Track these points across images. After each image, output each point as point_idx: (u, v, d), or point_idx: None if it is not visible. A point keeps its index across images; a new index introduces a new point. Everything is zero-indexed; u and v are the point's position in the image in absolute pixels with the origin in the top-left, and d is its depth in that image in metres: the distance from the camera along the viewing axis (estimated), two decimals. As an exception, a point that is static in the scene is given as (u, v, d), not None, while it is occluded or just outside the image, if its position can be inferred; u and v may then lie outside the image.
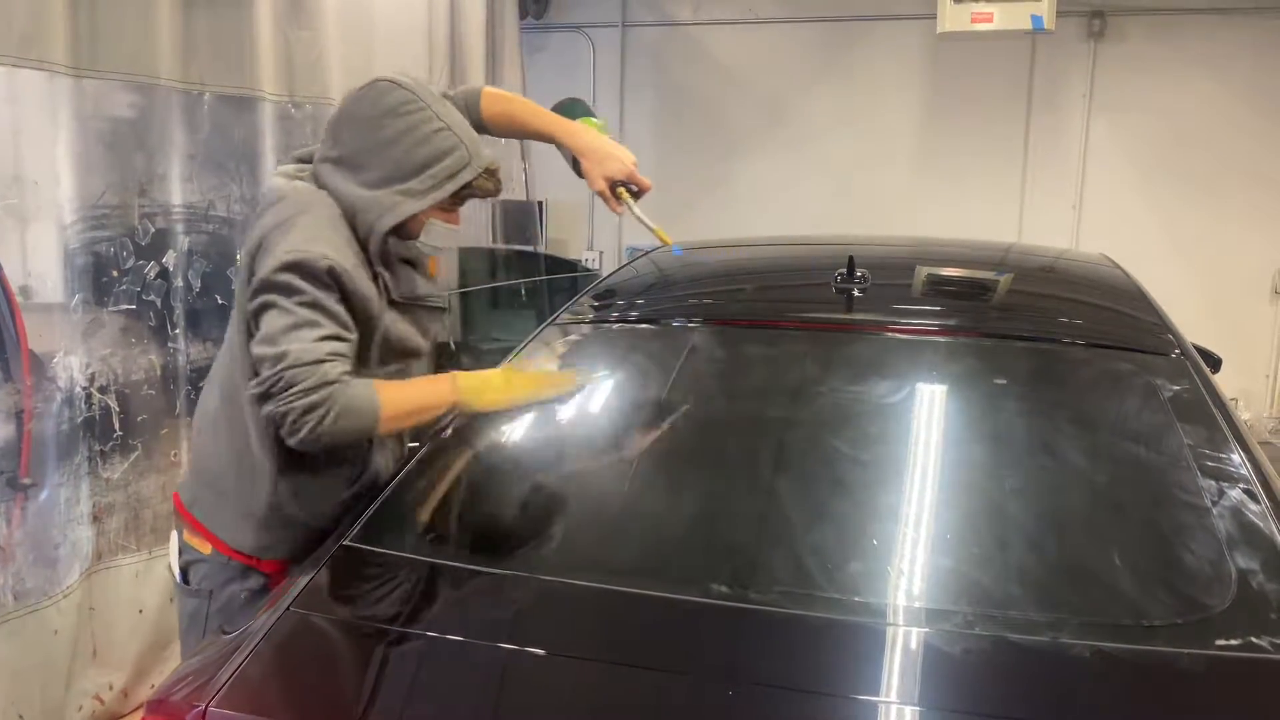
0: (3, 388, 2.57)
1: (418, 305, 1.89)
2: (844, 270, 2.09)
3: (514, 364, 1.94)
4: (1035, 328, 2.06)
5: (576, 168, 2.09)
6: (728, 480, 1.77)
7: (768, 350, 2.06)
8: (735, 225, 5.63)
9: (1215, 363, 3.00)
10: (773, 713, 1.25)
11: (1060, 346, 1.95)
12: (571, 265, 5.39)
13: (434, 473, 1.81)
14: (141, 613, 3.03)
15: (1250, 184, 5.37)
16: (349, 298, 1.71)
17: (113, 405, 2.89)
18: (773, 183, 6.03)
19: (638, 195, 2.08)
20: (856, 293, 2.09)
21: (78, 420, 2.77)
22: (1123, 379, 1.89)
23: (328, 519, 1.81)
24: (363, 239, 1.76)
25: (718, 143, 6.15)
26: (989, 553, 1.54)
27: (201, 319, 3.13)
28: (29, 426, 2.63)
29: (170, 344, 3.05)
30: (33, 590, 2.67)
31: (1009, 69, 5.64)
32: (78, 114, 2.71)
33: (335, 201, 1.76)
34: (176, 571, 1.91)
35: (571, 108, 2.15)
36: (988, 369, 1.93)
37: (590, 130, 2.06)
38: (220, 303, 3.16)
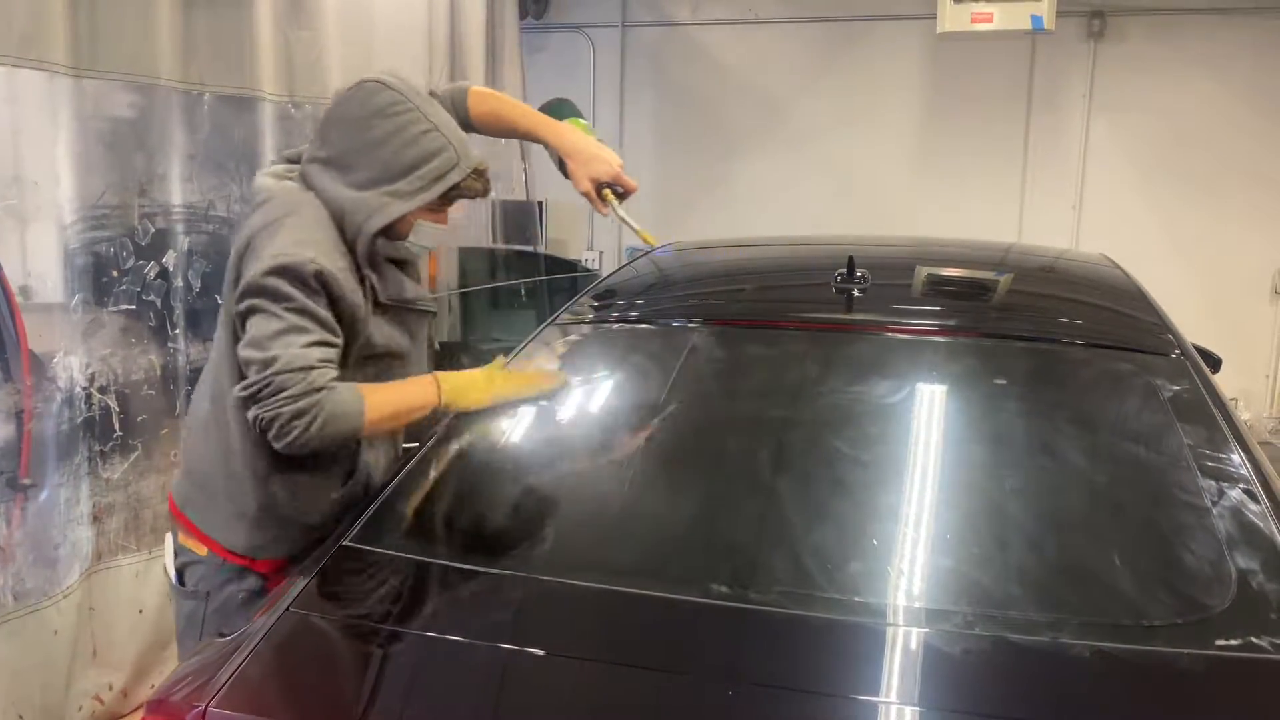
0: (3, 388, 2.57)
1: (405, 308, 1.87)
2: (844, 270, 2.09)
3: (497, 363, 1.93)
4: (1035, 328, 2.06)
5: (563, 168, 2.08)
6: (727, 480, 1.77)
7: (768, 350, 2.06)
8: (735, 225, 5.64)
9: (1215, 363, 3.00)
10: (773, 713, 1.25)
11: (1060, 347, 1.95)
12: (571, 265, 5.38)
13: (433, 473, 1.81)
14: (141, 613, 3.03)
15: (1250, 184, 5.37)
16: (336, 302, 1.70)
17: (113, 405, 2.89)
18: (772, 183, 6.03)
19: (623, 197, 2.08)
20: (856, 293, 2.09)
21: (78, 420, 2.77)
22: (1123, 379, 1.88)
23: (321, 517, 1.81)
24: (350, 240, 1.75)
25: (717, 143, 6.14)
26: (989, 553, 1.54)
27: (201, 319, 3.13)
28: (29, 427, 2.62)
29: (170, 344, 3.05)
30: (33, 590, 2.67)
31: (1009, 69, 5.64)
32: (78, 114, 2.71)
33: (323, 203, 1.75)
34: (172, 573, 1.90)
35: (559, 108, 2.14)
36: (988, 369, 1.93)
37: (576, 131, 2.05)
38: (220, 303, 3.15)
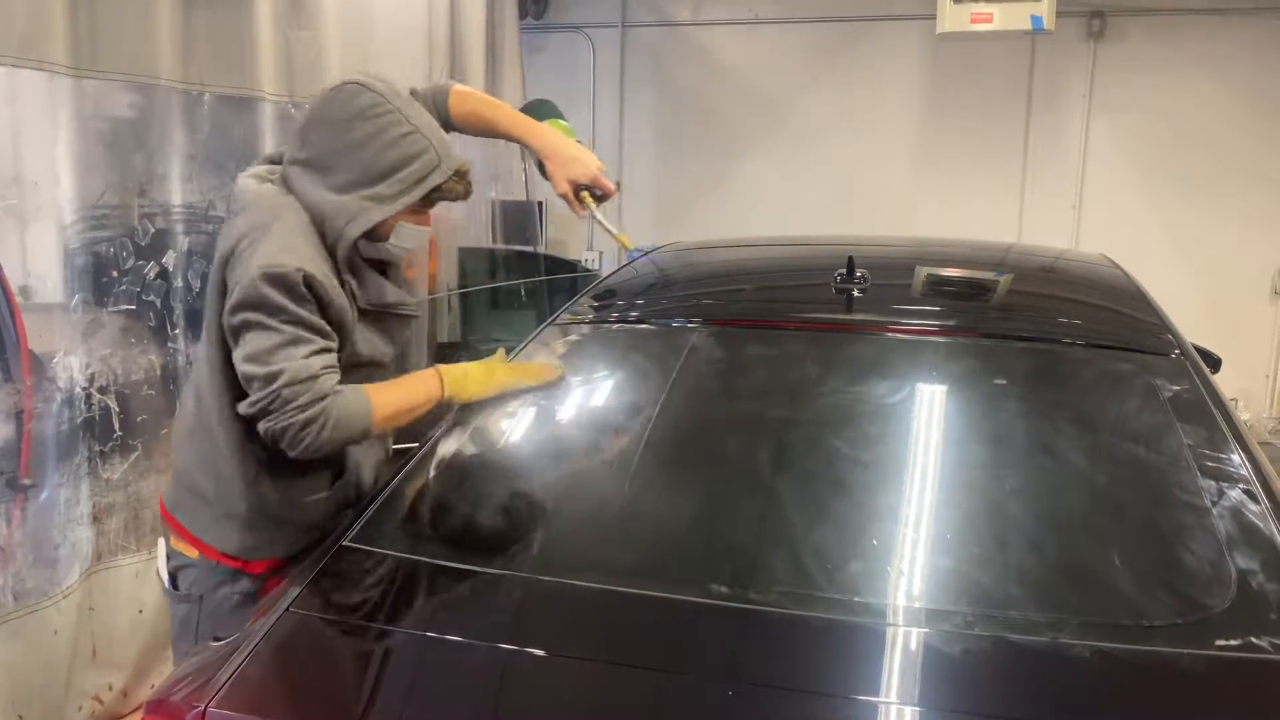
0: (3, 388, 2.57)
1: (387, 313, 1.85)
2: (844, 270, 2.09)
3: (498, 356, 1.92)
4: (1035, 328, 2.06)
5: (543, 169, 2.07)
6: (728, 480, 1.77)
7: (767, 350, 2.06)
8: (734, 225, 5.64)
9: (1215, 363, 3.00)
10: (773, 713, 1.25)
11: (1060, 347, 1.95)
12: (571, 265, 5.38)
13: (432, 473, 1.81)
14: (141, 613, 3.03)
15: (1250, 184, 5.37)
16: (325, 308, 1.70)
17: (112, 405, 2.88)
18: (772, 183, 6.03)
19: (601, 200, 2.07)
20: (856, 293, 2.09)
21: (77, 420, 2.77)
22: (1123, 379, 1.88)
23: (310, 518, 1.81)
24: (330, 245, 1.73)
25: (717, 143, 6.14)
26: (989, 553, 1.54)
27: (201, 319, 3.10)
28: (29, 427, 2.62)
29: (170, 344, 3.05)
30: (32, 590, 2.67)
31: (1009, 69, 5.64)
32: (78, 114, 2.71)
33: (303, 207, 1.73)
34: (165, 577, 1.90)
35: (539, 109, 2.13)
36: (987, 369, 1.93)
37: (556, 133, 2.03)
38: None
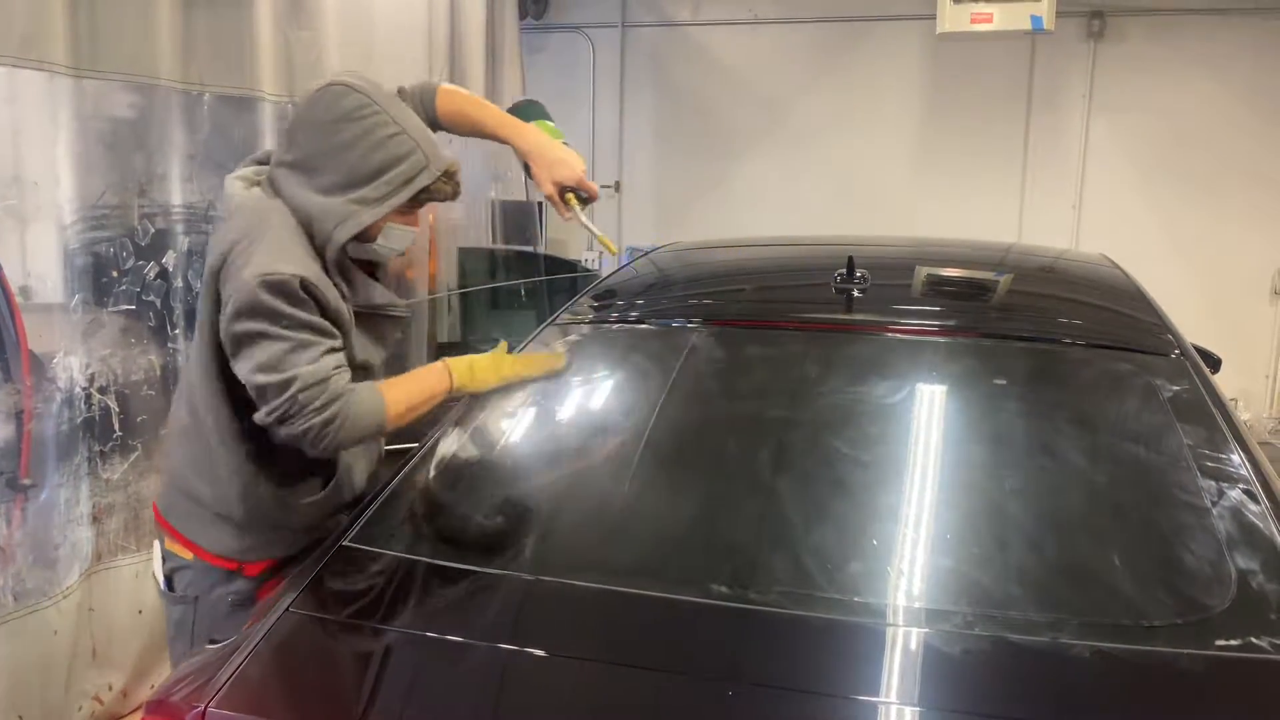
0: (3, 388, 2.57)
1: (377, 314, 1.85)
2: (844, 271, 2.09)
3: (502, 347, 1.92)
4: (1035, 328, 2.06)
5: (529, 170, 2.06)
6: (728, 480, 1.77)
7: (767, 351, 2.06)
8: (734, 225, 5.63)
9: (1215, 363, 3.00)
10: (773, 713, 1.25)
11: (1060, 347, 1.95)
12: (571, 266, 5.38)
13: (432, 473, 1.81)
14: (141, 613, 3.03)
15: (1250, 184, 5.37)
16: (324, 310, 1.70)
17: (112, 406, 2.88)
18: (772, 183, 6.03)
19: (586, 202, 2.06)
20: (856, 293, 2.09)
21: (77, 421, 2.77)
22: (1123, 379, 1.88)
23: (303, 521, 1.81)
24: (319, 248, 1.72)
25: (717, 143, 6.14)
26: (989, 553, 1.54)
27: (201, 320, 3.13)
28: (29, 427, 2.62)
29: (170, 344, 3.05)
30: (32, 591, 2.67)
31: (1009, 69, 5.64)
32: (78, 114, 2.71)
33: (291, 210, 1.72)
34: (161, 580, 1.90)
35: (526, 109, 2.12)
36: (987, 369, 1.93)
37: (542, 134, 2.02)
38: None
